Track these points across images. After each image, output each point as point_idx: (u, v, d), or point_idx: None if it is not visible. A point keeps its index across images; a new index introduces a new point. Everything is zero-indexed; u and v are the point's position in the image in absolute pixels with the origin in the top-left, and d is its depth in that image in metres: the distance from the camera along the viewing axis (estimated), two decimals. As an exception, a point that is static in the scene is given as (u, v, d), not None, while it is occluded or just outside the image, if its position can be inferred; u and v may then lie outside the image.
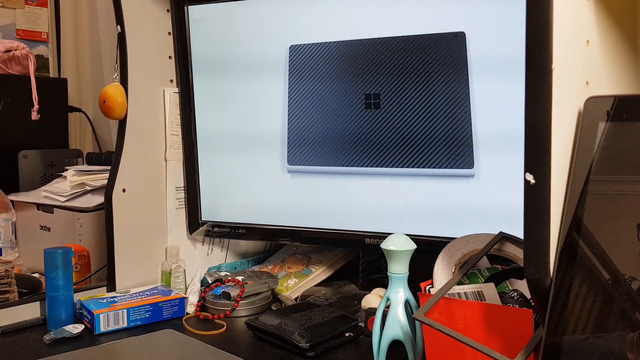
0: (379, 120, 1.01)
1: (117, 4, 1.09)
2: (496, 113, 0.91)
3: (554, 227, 0.53)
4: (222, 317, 1.02)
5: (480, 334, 0.63)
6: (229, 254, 1.28)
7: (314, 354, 0.85)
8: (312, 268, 1.18)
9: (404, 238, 0.74)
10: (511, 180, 0.90)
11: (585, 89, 0.59)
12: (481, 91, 0.92)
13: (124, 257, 1.11)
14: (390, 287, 0.74)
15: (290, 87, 1.09)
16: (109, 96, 1.08)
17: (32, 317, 1.02)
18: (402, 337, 0.73)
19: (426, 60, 0.96)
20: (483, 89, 0.92)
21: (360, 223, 1.05)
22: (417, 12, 0.96)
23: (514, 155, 0.89)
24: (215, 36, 1.15)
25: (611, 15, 0.63)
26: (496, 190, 0.93)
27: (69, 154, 1.65)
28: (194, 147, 1.19)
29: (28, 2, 1.96)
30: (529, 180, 0.53)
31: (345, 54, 1.03)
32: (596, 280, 0.52)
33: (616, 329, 0.50)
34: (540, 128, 0.52)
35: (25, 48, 1.58)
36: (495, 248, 0.74)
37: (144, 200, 1.14)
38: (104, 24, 1.86)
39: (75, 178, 1.31)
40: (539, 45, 0.51)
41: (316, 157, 1.08)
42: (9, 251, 1.29)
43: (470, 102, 0.93)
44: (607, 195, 0.54)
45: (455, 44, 0.93)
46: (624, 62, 0.68)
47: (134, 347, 0.91)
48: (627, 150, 0.54)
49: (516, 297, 0.70)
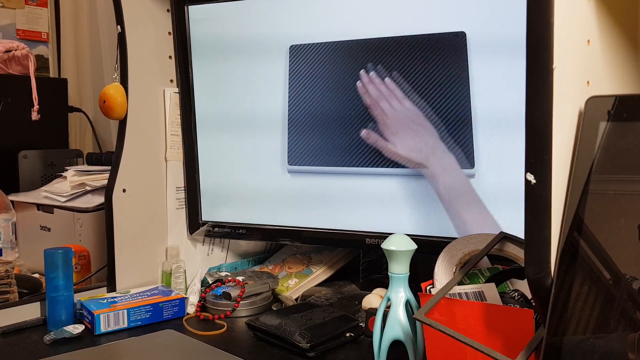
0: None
1: (117, 4, 1.09)
2: (496, 113, 0.91)
3: (555, 227, 0.53)
4: (223, 317, 1.02)
5: (481, 334, 0.63)
6: (229, 254, 1.28)
7: (314, 354, 0.85)
8: (312, 268, 1.18)
9: (405, 238, 0.74)
10: (511, 180, 0.90)
11: (586, 89, 0.59)
12: (481, 92, 0.92)
13: (124, 257, 1.11)
14: (391, 287, 0.74)
15: (290, 87, 1.09)
16: (109, 96, 1.08)
17: (33, 317, 1.01)
18: (403, 338, 0.73)
19: (427, 60, 0.96)
20: (483, 89, 0.92)
21: (361, 223, 1.05)
22: (417, 12, 0.96)
23: (514, 155, 0.89)
24: (215, 36, 1.15)
25: (612, 14, 0.63)
26: (496, 190, 0.92)
27: (69, 154, 1.65)
28: (194, 147, 1.19)
29: (28, 2, 1.96)
30: (529, 180, 0.53)
31: (345, 54, 1.03)
32: (597, 280, 0.52)
33: (617, 329, 0.50)
34: (541, 128, 0.52)
35: (25, 48, 1.58)
36: (496, 248, 0.74)
37: (144, 201, 1.14)
38: (104, 24, 1.85)
39: (76, 178, 1.31)
40: (540, 45, 0.51)
41: (316, 157, 1.08)
42: (9, 251, 1.28)
43: (470, 103, 0.93)
44: (608, 195, 0.54)
45: (455, 44, 0.93)
46: (625, 61, 0.68)
47: (134, 347, 0.91)
48: (628, 150, 0.54)
49: (517, 297, 0.70)
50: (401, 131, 0.97)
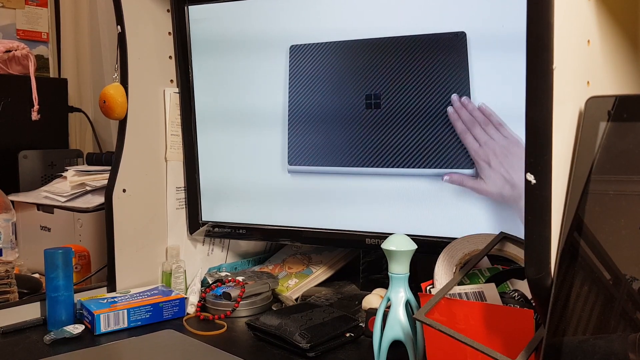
0: (380, 120, 1.01)
1: (117, 4, 1.09)
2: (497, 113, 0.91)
3: (555, 227, 0.53)
4: (223, 317, 1.02)
5: (481, 335, 0.63)
6: (229, 254, 1.28)
7: (314, 355, 0.85)
8: (312, 268, 1.18)
9: (405, 238, 0.74)
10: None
11: (586, 89, 0.59)
12: (482, 90, 0.92)
13: (125, 257, 1.11)
14: (391, 287, 0.74)
15: (290, 88, 1.09)
16: (109, 96, 1.08)
17: (33, 317, 1.01)
18: (403, 338, 0.73)
19: (427, 60, 0.96)
20: (484, 88, 0.92)
21: (361, 223, 1.05)
22: (417, 12, 0.96)
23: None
24: (215, 36, 1.15)
25: (612, 15, 0.63)
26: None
27: (69, 154, 1.65)
28: (194, 147, 1.19)
29: (28, 2, 1.96)
30: (530, 181, 0.53)
31: (345, 55, 1.03)
32: (597, 280, 0.52)
33: (617, 330, 0.50)
34: (541, 128, 0.52)
35: (26, 48, 1.58)
36: (496, 248, 0.74)
37: (144, 201, 1.14)
38: (104, 24, 1.85)
39: (76, 178, 1.31)
40: (540, 45, 0.51)
41: (316, 157, 1.08)
42: (9, 251, 1.28)
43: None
44: (608, 195, 0.54)
45: (455, 43, 0.93)
46: (625, 61, 0.68)
47: (134, 347, 0.91)
48: (628, 150, 0.54)
49: (517, 297, 0.70)
50: (493, 162, 0.90)
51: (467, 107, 0.89)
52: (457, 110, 0.89)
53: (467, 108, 0.89)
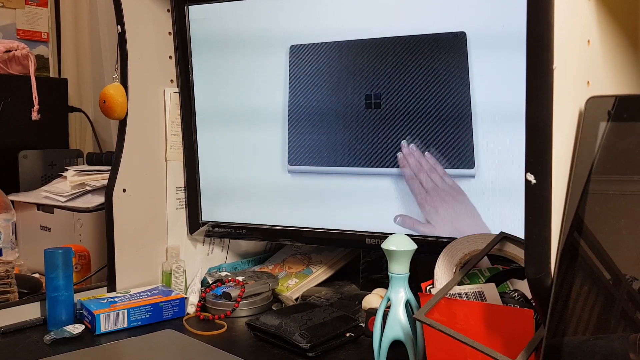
0: (380, 120, 1.01)
1: (117, 4, 1.09)
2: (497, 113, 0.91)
3: (555, 227, 0.53)
4: (223, 317, 1.02)
5: (481, 335, 0.63)
6: (229, 254, 1.28)
7: (314, 355, 0.85)
8: (312, 268, 1.18)
9: (405, 238, 0.74)
10: (512, 180, 0.90)
11: (586, 89, 0.58)
12: (482, 90, 0.92)
13: (125, 257, 1.11)
14: (391, 287, 0.74)
15: (290, 88, 1.09)
16: (109, 96, 1.08)
17: (33, 317, 1.01)
18: (403, 338, 0.73)
19: (427, 60, 0.96)
20: (483, 88, 0.92)
21: (361, 223, 1.05)
22: (417, 12, 0.96)
23: (515, 156, 0.89)
24: (215, 36, 1.15)
25: (612, 15, 0.63)
26: (497, 190, 0.92)
27: (69, 154, 1.65)
28: (195, 147, 1.19)
29: (28, 2, 1.96)
30: (529, 180, 0.53)
31: (345, 55, 1.03)
32: (597, 280, 0.52)
33: (618, 330, 0.50)
34: (541, 128, 0.52)
35: (26, 48, 1.58)
36: (496, 248, 0.74)
37: (144, 201, 1.14)
38: (104, 24, 1.85)
39: (76, 178, 1.31)
40: (540, 45, 0.51)
41: (317, 157, 1.08)
42: (9, 251, 1.29)
43: (471, 103, 0.93)
44: (608, 195, 0.54)
45: (455, 43, 0.93)
46: (625, 61, 0.68)
47: (134, 347, 0.91)
48: (628, 150, 0.54)
49: (517, 297, 0.70)
50: (440, 208, 0.94)
51: (414, 154, 0.93)
52: (406, 157, 0.93)
53: (414, 155, 0.93)
